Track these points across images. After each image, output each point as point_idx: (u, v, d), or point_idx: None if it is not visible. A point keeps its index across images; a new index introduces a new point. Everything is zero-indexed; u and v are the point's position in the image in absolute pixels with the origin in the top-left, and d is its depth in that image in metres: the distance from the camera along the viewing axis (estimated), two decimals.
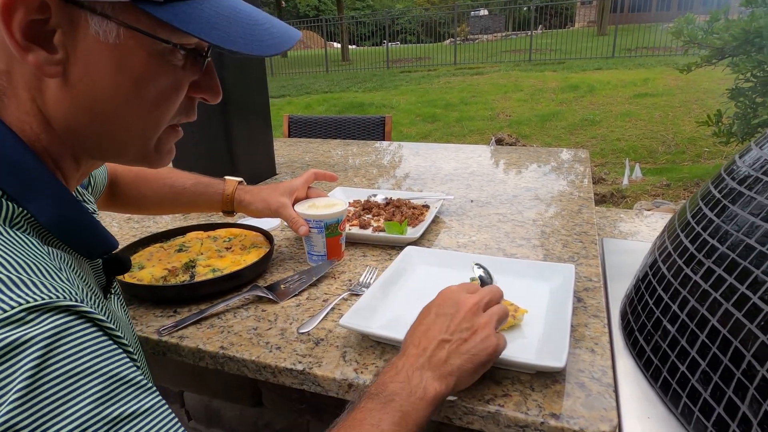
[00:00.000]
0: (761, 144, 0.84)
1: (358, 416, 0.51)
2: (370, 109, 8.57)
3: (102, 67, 0.45)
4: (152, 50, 0.46)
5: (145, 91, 0.48)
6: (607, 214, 1.75)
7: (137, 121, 0.49)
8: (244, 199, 0.99)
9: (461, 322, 0.59)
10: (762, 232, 0.68)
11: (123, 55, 0.45)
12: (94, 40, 0.44)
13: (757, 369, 0.60)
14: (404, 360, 0.57)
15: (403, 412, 0.51)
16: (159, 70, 0.48)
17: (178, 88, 0.50)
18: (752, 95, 3.40)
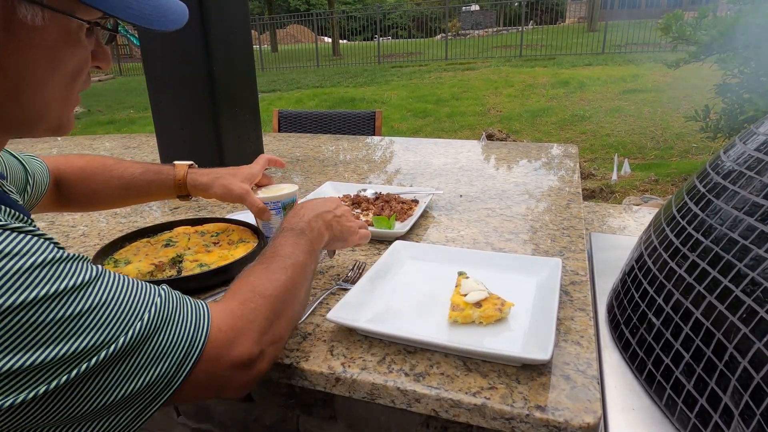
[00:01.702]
0: (745, 139, 0.85)
1: (279, 241, 0.71)
2: (361, 104, 8.55)
3: (30, 49, 0.48)
4: (68, 29, 0.50)
5: (65, 68, 0.52)
6: (596, 209, 1.76)
7: (56, 95, 0.53)
8: (200, 182, 0.98)
9: (332, 210, 0.82)
10: (745, 226, 0.69)
11: (47, 37, 0.49)
12: (21, 24, 0.47)
13: (738, 361, 0.61)
14: (291, 218, 0.77)
15: (311, 242, 0.73)
16: (75, 47, 0.52)
17: (86, 62, 0.54)
18: (739, 91, 3.43)
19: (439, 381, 0.61)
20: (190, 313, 0.54)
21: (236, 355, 0.55)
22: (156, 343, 0.48)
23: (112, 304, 0.46)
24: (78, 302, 0.44)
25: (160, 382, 0.49)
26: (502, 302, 0.71)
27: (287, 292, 0.64)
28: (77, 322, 0.43)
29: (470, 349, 0.64)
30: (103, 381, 0.45)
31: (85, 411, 0.44)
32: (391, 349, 0.68)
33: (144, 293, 0.50)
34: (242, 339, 0.56)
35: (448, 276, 0.83)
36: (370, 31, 19.97)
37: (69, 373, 0.42)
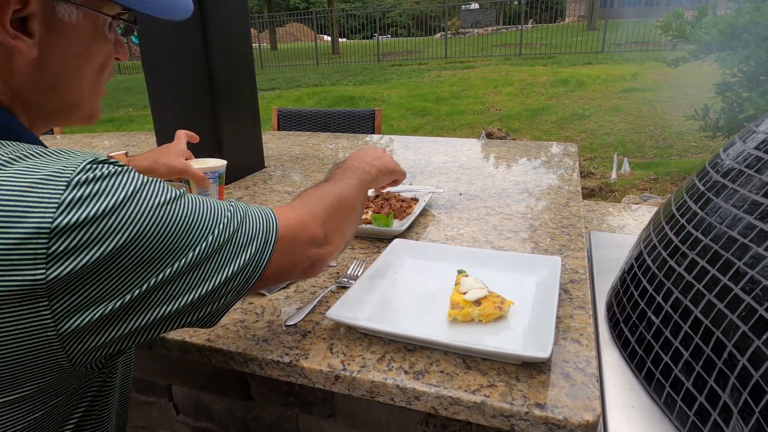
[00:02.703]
0: (745, 138, 0.85)
1: (329, 176, 0.80)
2: (361, 102, 8.55)
3: (66, 45, 0.53)
4: (97, 24, 0.55)
5: (95, 60, 0.57)
6: (595, 207, 1.77)
7: (88, 86, 0.58)
8: (143, 167, 1.08)
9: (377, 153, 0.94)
10: (744, 224, 0.69)
11: (81, 32, 0.54)
12: (60, 22, 0.52)
13: (737, 359, 0.61)
14: (342, 163, 0.86)
15: (359, 175, 0.82)
16: (102, 40, 0.57)
17: (111, 54, 0.60)
18: (738, 90, 3.43)
19: (439, 379, 0.61)
20: (258, 210, 0.60)
21: (308, 235, 0.63)
22: (238, 237, 0.55)
23: (199, 211, 0.52)
24: (175, 210, 0.50)
25: (248, 267, 0.56)
26: (501, 300, 0.72)
27: (342, 200, 0.72)
28: (177, 227, 0.49)
29: (470, 347, 0.64)
30: (202, 273, 0.51)
31: (195, 297, 0.51)
32: (391, 347, 0.68)
33: (218, 203, 0.56)
34: (309, 224, 0.64)
35: (448, 274, 0.83)
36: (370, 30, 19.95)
37: (172, 266, 0.49)
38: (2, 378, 0.44)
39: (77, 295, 0.44)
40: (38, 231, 0.41)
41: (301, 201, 0.69)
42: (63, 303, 0.43)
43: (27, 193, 0.43)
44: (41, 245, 0.41)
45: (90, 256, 0.43)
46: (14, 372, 0.44)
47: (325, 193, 0.72)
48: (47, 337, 0.44)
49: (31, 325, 0.43)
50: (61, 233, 0.42)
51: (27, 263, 0.41)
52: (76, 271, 0.43)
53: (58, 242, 0.42)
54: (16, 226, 0.41)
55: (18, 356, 0.43)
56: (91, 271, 0.44)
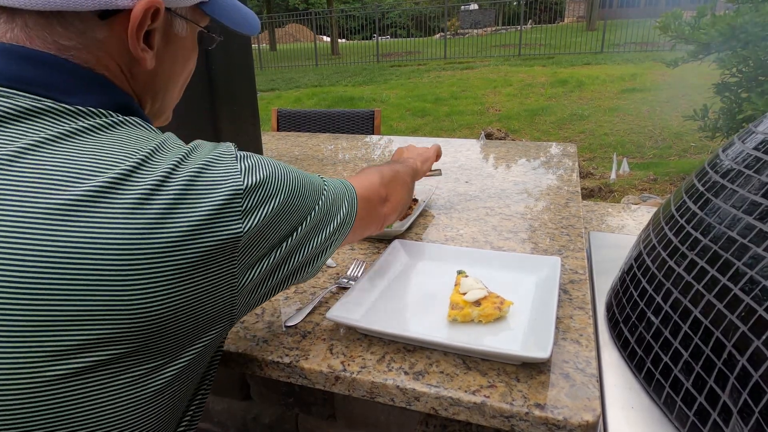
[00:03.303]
0: (744, 138, 0.85)
1: (390, 164, 0.91)
2: (360, 103, 8.55)
3: (175, 57, 0.60)
4: (195, 36, 0.63)
5: (188, 69, 0.65)
6: (595, 208, 1.77)
7: (178, 93, 0.67)
8: None
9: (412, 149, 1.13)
10: (743, 225, 0.69)
11: (185, 45, 0.61)
12: (174, 36, 0.59)
13: (737, 359, 0.61)
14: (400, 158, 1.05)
15: (413, 169, 0.97)
16: (195, 51, 0.65)
17: (195, 63, 0.67)
18: (737, 90, 3.44)
19: (439, 379, 0.61)
20: (334, 180, 0.69)
21: (378, 195, 0.76)
22: (335, 197, 0.66)
23: (309, 176, 0.63)
24: (301, 173, 0.61)
25: (346, 221, 0.67)
26: (501, 301, 0.72)
27: (396, 174, 0.85)
28: (307, 185, 0.60)
29: (469, 348, 0.64)
30: (322, 223, 0.62)
31: (317, 243, 0.62)
32: (391, 348, 0.68)
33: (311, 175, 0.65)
34: (374, 187, 0.76)
35: (448, 275, 0.83)
36: (369, 30, 19.95)
37: (309, 214, 0.59)
38: (191, 329, 0.48)
39: (259, 245, 0.53)
40: (235, 192, 0.49)
41: (363, 173, 0.80)
42: (248, 255, 0.51)
43: (213, 168, 0.50)
44: (238, 203, 0.49)
45: (270, 206, 0.53)
46: (200, 321, 0.49)
47: (383, 168, 0.84)
48: (230, 289, 0.50)
49: (221, 278, 0.49)
50: (250, 192, 0.51)
51: (231, 219, 0.49)
52: (262, 221, 0.52)
53: (249, 200, 0.50)
54: (218, 191, 0.49)
55: (204, 310, 0.49)
56: (271, 220, 0.53)
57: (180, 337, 0.47)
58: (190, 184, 0.48)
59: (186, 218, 0.46)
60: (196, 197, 0.48)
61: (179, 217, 0.46)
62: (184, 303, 0.46)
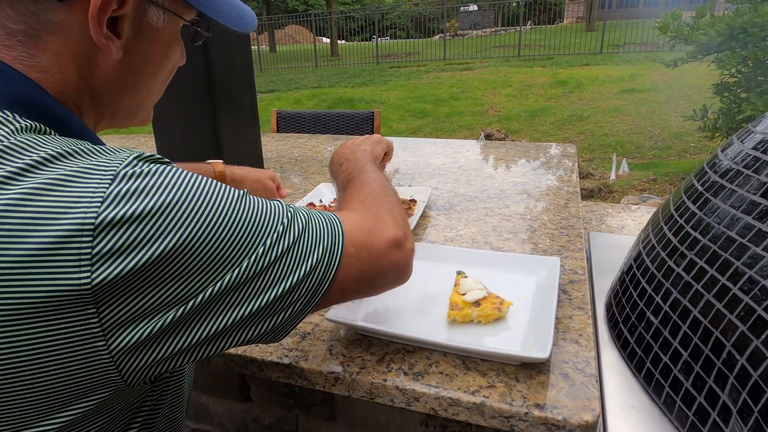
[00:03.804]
0: (743, 138, 0.85)
1: (343, 174, 0.76)
2: (360, 104, 8.55)
3: (149, 49, 0.54)
4: (176, 29, 0.56)
5: (169, 64, 0.58)
6: (594, 208, 1.77)
7: (157, 89, 0.59)
8: (236, 173, 1.09)
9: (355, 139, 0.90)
10: (742, 225, 0.69)
11: (163, 37, 0.54)
12: (148, 25, 0.52)
13: (736, 358, 0.61)
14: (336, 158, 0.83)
15: (361, 159, 0.78)
16: (178, 45, 0.58)
17: (180, 58, 0.60)
18: (737, 90, 3.44)
19: (438, 380, 0.61)
20: (321, 215, 0.55)
21: (387, 238, 0.57)
22: (303, 242, 0.50)
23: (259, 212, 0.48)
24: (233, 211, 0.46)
25: (315, 274, 0.50)
26: (500, 301, 0.72)
27: (386, 190, 0.69)
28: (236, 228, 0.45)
29: (469, 348, 0.64)
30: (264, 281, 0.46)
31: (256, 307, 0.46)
32: (390, 349, 0.68)
33: (280, 205, 0.51)
34: (382, 225, 0.58)
35: (447, 275, 0.83)
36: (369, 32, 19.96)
37: (232, 272, 0.44)
38: (53, 397, 0.40)
39: (128, 304, 0.39)
40: (81, 227, 0.37)
41: (359, 206, 0.63)
42: (113, 312, 0.39)
43: (68, 186, 0.38)
44: (85, 244, 0.37)
45: (141, 257, 0.39)
46: (64, 390, 0.40)
47: (370, 191, 0.67)
48: (97, 352, 0.39)
49: (79, 338, 0.38)
50: (107, 230, 0.38)
51: (70, 264, 0.37)
52: (126, 275, 0.38)
53: (104, 240, 0.37)
54: (57, 223, 0.37)
55: (67, 372, 0.39)
56: (143, 275, 0.39)
57: (28, 406, 0.39)
58: (12, 209, 0.37)
59: None
60: (18, 229, 0.36)
61: None
62: (15, 368, 0.37)
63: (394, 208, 0.64)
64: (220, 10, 0.57)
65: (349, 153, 0.81)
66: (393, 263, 0.57)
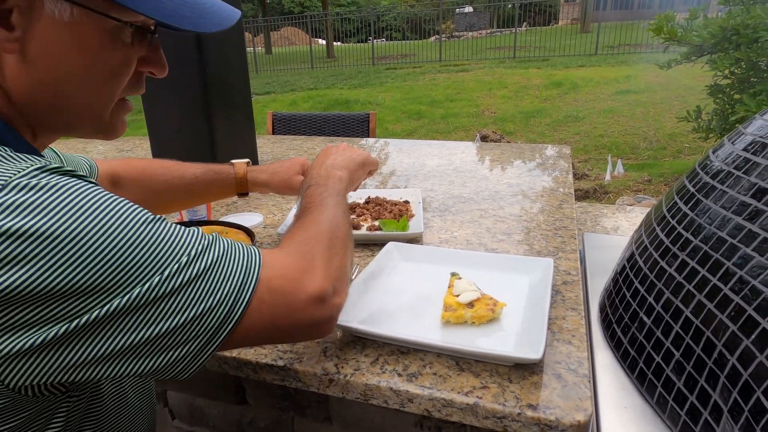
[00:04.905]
0: (734, 139, 0.86)
1: (304, 200, 0.71)
2: (356, 106, 8.55)
3: (58, 45, 0.48)
4: (104, 28, 0.50)
5: (99, 68, 0.51)
6: (589, 209, 1.77)
7: (91, 96, 0.52)
8: (260, 179, 1.03)
9: (340, 151, 0.86)
10: (733, 225, 0.70)
11: (77, 34, 0.48)
12: (50, 19, 0.47)
13: (727, 358, 0.62)
14: (309, 176, 0.78)
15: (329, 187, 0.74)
16: (111, 48, 0.51)
17: (127, 64, 0.54)
18: (730, 92, 3.46)
19: (432, 381, 0.61)
20: (242, 248, 0.52)
21: (309, 292, 0.53)
22: (208, 275, 0.48)
23: (162, 238, 0.46)
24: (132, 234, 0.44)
25: (216, 313, 0.47)
26: (494, 302, 0.72)
27: (335, 231, 0.64)
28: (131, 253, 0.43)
29: (463, 349, 0.64)
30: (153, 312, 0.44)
31: (132, 342, 0.44)
32: (384, 350, 0.68)
33: (192, 232, 0.49)
34: (310, 274, 0.54)
35: (441, 277, 0.83)
36: (364, 33, 19.98)
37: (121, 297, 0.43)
38: None
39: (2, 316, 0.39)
40: None
41: (295, 246, 0.59)
42: None
43: None
44: None
45: (11, 276, 0.38)
46: None
47: (317, 232, 0.62)
48: None
49: None
50: None
51: None
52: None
53: None
54: None
55: None
56: (14, 292, 0.39)
57: None
58: None
59: None
60: None
61: None
62: None
63: (334, 256, 0.60)
64: (159, 6, 0.49)
65: (322, 176, 0.77)
66: (311, 318, 0.53)
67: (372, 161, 0.92)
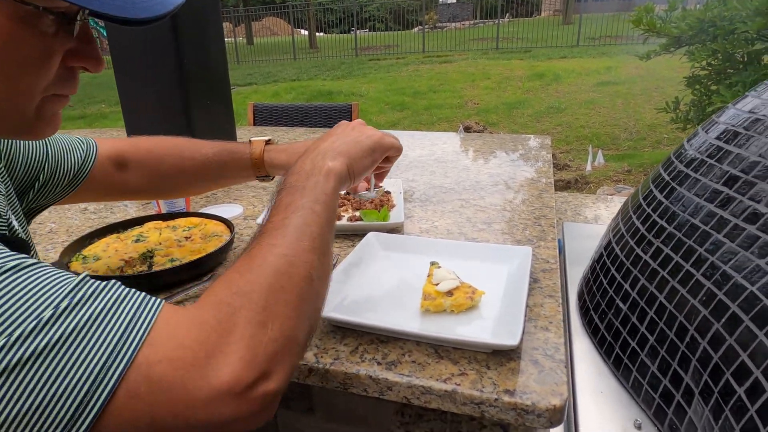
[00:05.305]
0: (707, 128, 0.87)
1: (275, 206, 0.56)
2: (339, 97, 8.51)
3: None
4: (13, 14, 0.42)
5: (11, 59, 0.43)
6: (570, 198, 1.79)
7: (5, 90, 0.45)
8: (277, 160, 0.86)
9: (347, 130, 0.70)
10: (705, 212, 0.71)
11: None
12: None
13: (699, 342, 0.63)
14: (291, 169, 0.62)
15: (307, 188, 0.57)
16: (23, 37, 0.43)
17: (48, 56, 0.46)
18: (707, 83, 3.52)
19: (411, 369, 0.62)
20: (123, 316, 0.40)
21: (214, 382, 0.39)
22: (64, 352, 0.37)
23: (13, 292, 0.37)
24: None
25: (65, 403, 0.36)
26: (473, 291, 0.72)
27: (288, 269, 0.48)
28: None
29: (441, 337, 0.65)
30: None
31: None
32: (364, 339, 0.69)
33: (50, 287, 0.38)
34: (219, 358, 0.40)
35: (421, 266, 0.83)
36: (347, 24, 19.81)
37: None
38: None
39: None
40: None
41: (212, 307, 0.44)
42: None
43: None
44: None
45: None
46: None
47: (254, 281, 0.46)
48: None
49: None
50: None
51: None
52: None
53: None
54: None
55: None
56: None
57: None
58: None
59: None
60: None
61: None
62: None
63: (274, 320, 0.44)
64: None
65: (305, 170, 0.60)
66: (221, 418, 0.39)
67: (387, 143, 0.72)
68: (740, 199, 0.66)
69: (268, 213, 0.56)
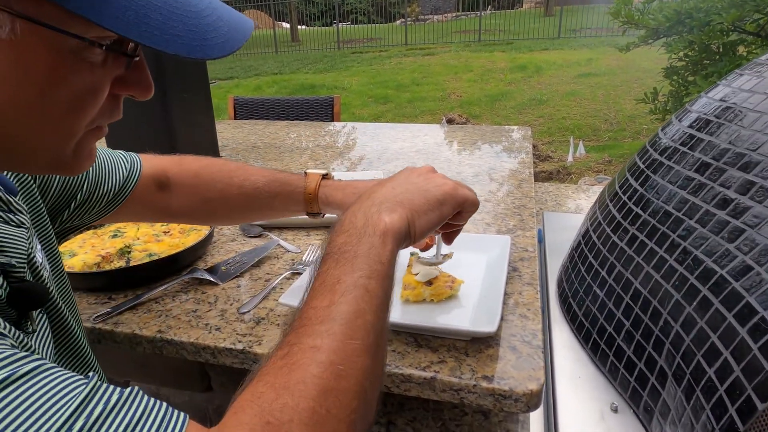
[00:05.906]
0: (681, 117, 0.89)
1: (319, 281, 0.47)
2: (321, 90, 8.46)
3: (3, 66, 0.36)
4: (61, 47, 0.38)
5: (56, 95, 0.39)
6: (550, 189, 1.81)
7: (48, 128, 0.41)
8: (333, 198, 0.77)
9: (411, 176, 0.58)
10: (678, 199, 0.73)
11: (22, 53, 0.37)
12: None
13: (672, 325, 0.65)
14: (340, 219, 0.52)
15: (359, 256, 0.47)
16: (71, 71, 0.39)
17: (97, 90, 0.41)
18: (684, 74, 3.57)
19: (391, 358, 0.62)
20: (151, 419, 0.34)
21: None
22: None
23: None
24: None
25: None
26: (452, 280, 0.73)
27: (329, 397, 0.38)
28: None
29: (421, 325, 0.65)
30: None
31: None
32: None
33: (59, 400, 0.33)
34: None
35: (401, 256, 0.83)
36: (330, 17, 19.68)
37: None
38: None
39: None
40: None
41: (254, 422, 0.36)
42: None
43: None
44: None
45: None
46: None
47: (305, 390, 0.38)
48: None
49: None
50: None
51: None
52: None
53: None
54: None
55: None
56: None
57: None
58: None
59: None
60: None
61: None
62: None
63: (355, 410, 0.38)
64: (139, 21, 0.36)
65: (358, 223, 0.51)
66: None
67: (460, 196, 0.58)
68: (711, 186, 0.68)
69: (311, 282, 0.48)
